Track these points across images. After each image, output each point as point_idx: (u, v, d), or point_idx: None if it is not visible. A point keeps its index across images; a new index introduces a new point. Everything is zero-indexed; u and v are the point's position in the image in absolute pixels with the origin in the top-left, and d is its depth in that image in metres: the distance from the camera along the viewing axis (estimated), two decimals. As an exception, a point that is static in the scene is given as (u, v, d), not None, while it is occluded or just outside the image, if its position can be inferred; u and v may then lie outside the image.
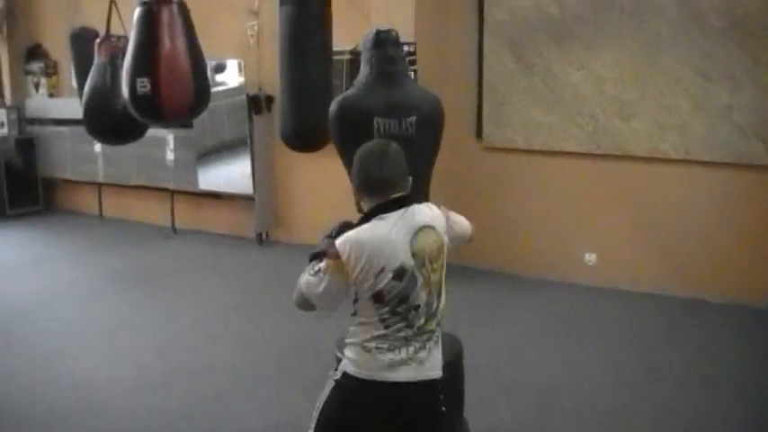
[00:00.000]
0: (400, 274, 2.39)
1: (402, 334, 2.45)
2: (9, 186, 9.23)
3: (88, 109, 4.93)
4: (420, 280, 2.42)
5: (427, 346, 2.49)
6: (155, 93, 3.75)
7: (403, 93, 3.44)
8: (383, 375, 2.45)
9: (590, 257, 6.10)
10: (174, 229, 8.22)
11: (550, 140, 6.09)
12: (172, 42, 3.80)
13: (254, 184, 7.55)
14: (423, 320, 2.45)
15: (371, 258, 2.40)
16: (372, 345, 2.45)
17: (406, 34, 5.90)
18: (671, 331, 5.20)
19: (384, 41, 3.43)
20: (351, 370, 2.48)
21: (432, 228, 2.48)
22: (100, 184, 8.95)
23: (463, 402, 3.53)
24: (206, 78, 4.11)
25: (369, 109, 3.34)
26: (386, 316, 2.46)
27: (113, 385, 4.43)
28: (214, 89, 7.77)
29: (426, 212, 2.53)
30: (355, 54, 6.45)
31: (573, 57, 5.89)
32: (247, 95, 7.46)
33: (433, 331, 2.50)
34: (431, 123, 3.47)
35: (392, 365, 2.45)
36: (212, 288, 6.34)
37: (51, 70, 9.23)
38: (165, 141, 8.04)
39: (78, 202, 9.53)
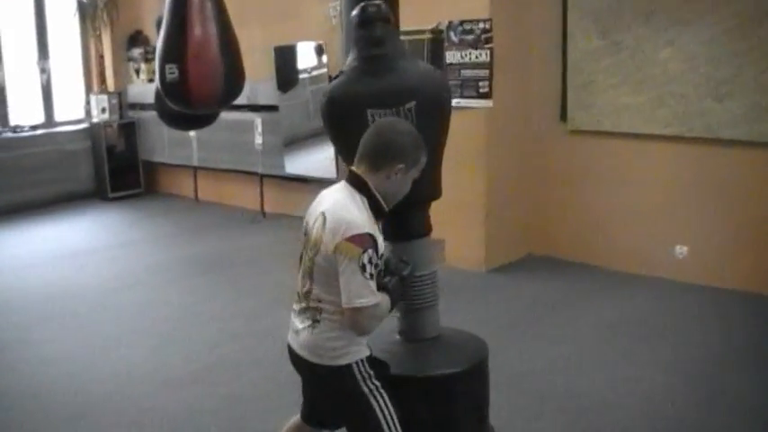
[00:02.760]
0: (306, 233, 2.59)
1: (297, 298, 2.62)
2: (112, 170, 9.60)
3: (158, 94, 5.00)
4: (305, 252, 2.58)
5: (304, 323, 2.56)
6: (183, 80, 3.73)
7: (397, 77, 3.08)
8: (288, 337, 2.68)
9: (681, 250, 5.68)
10: (263, 213, 8.31)
11: (638, 123, 5.71)
12: (202, 28, 3.77)
13: (336, 168, 7.50)
14: (302, 294, 2.57)
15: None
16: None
17: (480, 11, 5.73)
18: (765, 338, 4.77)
19: (370, 19, 3.05)
20: None
21: (324, 219, 2.47)
22: (195, 168, 9.17)
23: (486, 409, 3.32)
24: (237, 66, 4.04)
25: (359, 100, 3.04)
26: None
27: (153, 377, 4.49)
28: (303, 75, 7.88)
29: (340, 208, 2.48)
30: (436, 33, 6.27)
31: (662, 31, 5.48)
32: (329, 78, 7.39)
33: (305, 310, 2.55)
34: (434, 107, 3.09)
35: (290, 327, 2.67)
36: (283, 278, 6.33)
37: (151, 56, 9.49)
38: (254, 125, 8.14)
39: (176, 186, 9.81)
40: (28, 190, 9.05)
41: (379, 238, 2.48)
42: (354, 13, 3.20)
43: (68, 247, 7.45)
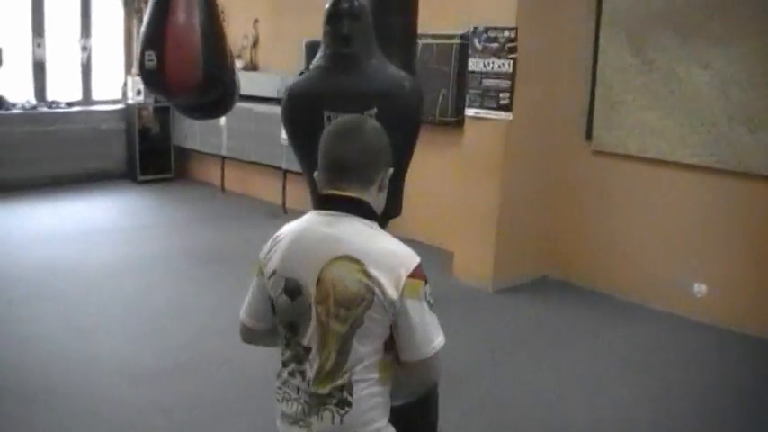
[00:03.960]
0: (293, 291, 1.94)
1: (296, 381, 1.98)
2: (143, 152, 9.60)
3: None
4: (314, 318, 1.91)
5: (320, 413, 1.93)
6: (161, 67, 3.58)
7: (361, 79, 2.90)
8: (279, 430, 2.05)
9: (699, 288, 5.34)
10: (284, 209, 8.19)
11: (665, 148, 5.38)
12: (184, 15, 3.61)
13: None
14: (314, 374, 1.93)
15: (271, 254, 2.01)
16: (276, 385, 2.05)
17: (507, 18, 5.48)
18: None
19: (339, 14, 2.89)
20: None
21: (361, 266, 1.87)
22: (223, 158, 9.10)
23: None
24: (220, 56, 3.87)
25: (318, 100, 2.89)
26: (283, 342, 2.03)
27: (123, 367, 4.38)
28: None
29: (377, 246, 1.92)
30: (466, 39, 6.06)
31: (698, 53, 5.15)
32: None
33: (327, 397, 1.92)
34: (399, 116, 2.86)
35: (284, 419, 2.02)
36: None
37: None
38: (280, 120, 7.99)
39: (205, 173, 9.77)
40: (59, 165, 9.11)
41: None
42: (326, 5, 3.04)
43: (86, 226, 7.44)
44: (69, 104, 9.35)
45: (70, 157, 9.18)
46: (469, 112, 5.86)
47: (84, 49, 9.43)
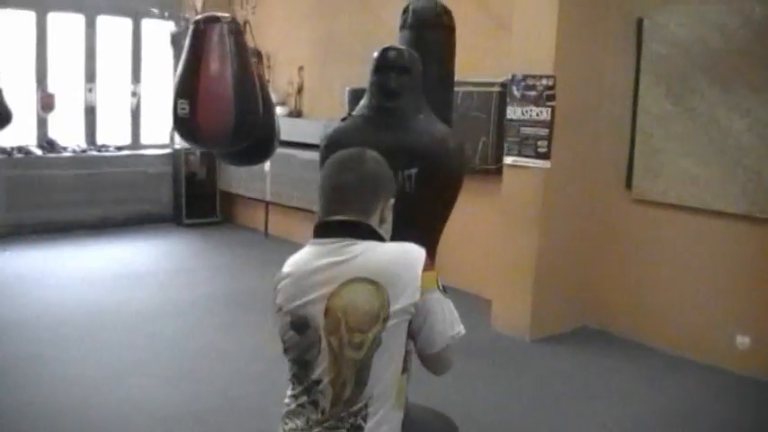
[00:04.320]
0: (300, 325, 1.94)
1: (306, 413, 1.96)
2: (189, 196, 9.77)
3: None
4: (326, 350, 1.90)
5: None
6: (192, 115, 3.68)
7: (405, 136, 2.84)
8: None
9: (742, 340, 5.20)
10: (325, 255, 8.21)
11: (706, 197, 5.31)
12: (217, 65, 3.72)
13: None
14: (328, 403, 1.92)
15: (278, 290, 2.03)
16: (285, 417, 2.03)
17: (545, 66, 5.50)
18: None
19: (387, 66, 2.85)
20: None
21: (371, 283, 1.87)
22: (267, 203, 9.21)
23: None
24: (251, 105, 3.96)
25: None
26: (292, 378, 2.03)
27: (155, 411, 4.40)
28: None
29: (380, 258, 1.91)
30: (505, 86, 6.08)
31: (738, 100, 5.09)
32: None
33: (339, 421, 1.90)
34: (439, 177, 2.87)
35: None
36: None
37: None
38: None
39: (250, 218, 9.89)
40: (107, 207, 9.32)
41: None
42: (374, 54, 2.99)
43: (131, 269, 7.56)
44: (118, 148, 9.58)
45: (118, 200, 9.39)
46: (508, 160, 5.86)
47: (134, 94, 9.69)
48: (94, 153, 9.33)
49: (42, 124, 9.10)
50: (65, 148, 9.13)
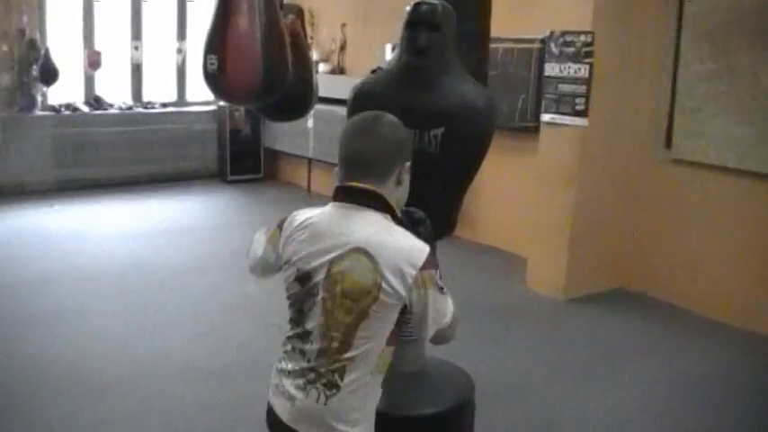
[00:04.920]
0: (303, 278, 2.06)
1: (296, 356, 2.09)
2: (234, 153, 9.90)
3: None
4: (320, 305, 2.02)
5: (306, 390, 2.03)
6: (221, 71, 3.72)
7: (432, 96, 2.75)
8: (269, 397, 2.16)
9: (780, 304, 5.15)
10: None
11: (747, 157, 5.20)
12: (245, 20, 3.73)
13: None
14: (314, 356, 2.03)
15: (290, 240, 2.14)
16: (280, 355, 2.17)
17: (583, 22, 5.43)
18: None
19: (418, 22, 2.73)
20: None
21: (371, 260, 1.97)
22: (309, 159, 9.28)
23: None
24: (280, 61, 3.97)
25: (383, 110, 2.85)
26: (291, 324, 2.15)
27: (180, 365, 4.56)
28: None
29: (386, 240, 2.00)
30: (545, 43, 6.01)
31: (783, 59, 4.98)
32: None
33: (318, 376, 2.02)
34: (466, 138, 2.76)
35: (277, 389, 2.13)
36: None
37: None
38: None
39: (293, 175, 9.99)
40: (153, 164, 9.50)
41: None
42: (406, 8, 2.93)
43: (174, 224, 7.74)
44: (164, 105, 9.74)
45: (163, 157, 9.56)
46: (545, 117, 5.81)
47: (180, 51, 9.79)
48: (140, 110, 9.50)
49: (89, 82, 9.28)
50: (111, 106, 9.31)
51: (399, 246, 2.00)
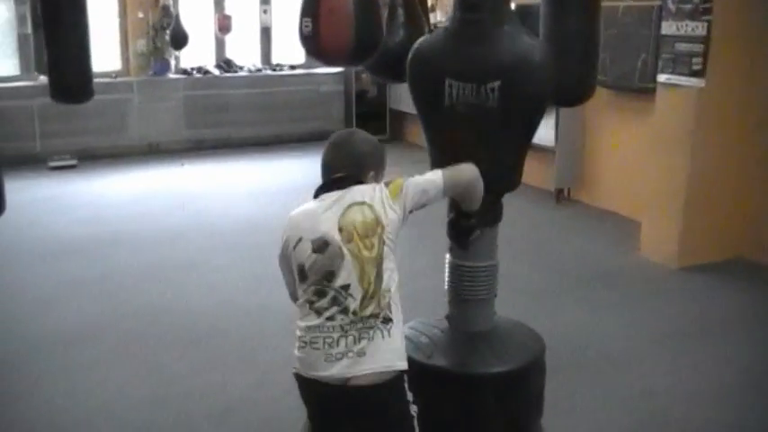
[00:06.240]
0: (321, 246, 2.37)
1: (337, 322, 2.35)
2: (360, 114, 10.13)
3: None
4: (348, 256, 2.35)
5: (369, 335, 2.33)
6: (315, 33, 3.85)
7: (487, 49, 2.76)
8: (318, 372, 2.36)
9: None
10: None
11: None
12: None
13: (556, 135, 7.25)
14: (358, 303, 2.33)
15: (291, 229, 2.50)
16: (308, 337, 2.39)
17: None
18: None
19: None
20: (294, 365, 2.45)
21: (365, 204, 2.40)
22: (432, 121, 9.33)
23: (542, 406, 3.16)
24: (372, 24, 4.05)
25: (441, 66, 2.84)
26: (314, 298, 2.40)
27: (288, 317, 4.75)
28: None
29: (365, 191, 2.44)
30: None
31: None
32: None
33: (375, 316, 2.34)
34: (522, 90, 2.75)
35: (328, 359, 2.34)
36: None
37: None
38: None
39: (419, 136, 10.01)
40: (280, 125, 9.90)
41: None
42: None
43: (294, 184, 7.90)
44: (292, 67, 10.04)
45: (291, 118, 9.91)
46: (661, 77, 5.64)
47: (308, 14, 10.02)
48: (269, 72, 9.86)
49: (220, 45, 9.71)
50: (241, 68, 9.70)
51: (370, 188, 2.44)
